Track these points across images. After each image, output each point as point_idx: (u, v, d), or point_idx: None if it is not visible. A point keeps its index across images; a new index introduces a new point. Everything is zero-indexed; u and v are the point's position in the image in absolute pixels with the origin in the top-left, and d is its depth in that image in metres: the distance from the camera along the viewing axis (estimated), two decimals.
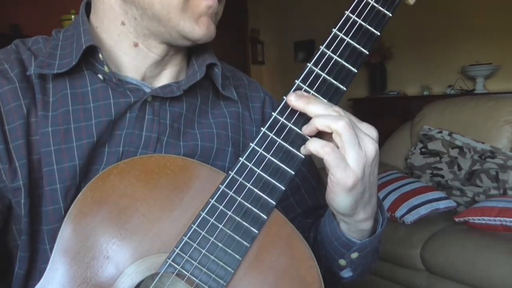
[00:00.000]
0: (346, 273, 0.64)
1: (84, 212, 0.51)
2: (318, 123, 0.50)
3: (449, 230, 1.83)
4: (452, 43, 3.59)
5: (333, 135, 0.50)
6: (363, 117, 0.55)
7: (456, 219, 1.82)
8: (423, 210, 1.88)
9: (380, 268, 1.98)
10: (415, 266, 1.83)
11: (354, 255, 0.60)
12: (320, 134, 0.52)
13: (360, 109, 3.83)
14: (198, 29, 0.59)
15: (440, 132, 2.29)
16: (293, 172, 0.53)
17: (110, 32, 0.63)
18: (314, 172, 0.77)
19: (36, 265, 0.59)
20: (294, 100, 0.52)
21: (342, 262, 0.62)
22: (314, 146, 0.50)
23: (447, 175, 2.17)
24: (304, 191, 0.74)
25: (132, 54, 0.63)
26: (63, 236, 0.51)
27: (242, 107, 0.71)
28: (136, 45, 0.63)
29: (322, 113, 0.51)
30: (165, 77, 0.66)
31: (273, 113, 0.54)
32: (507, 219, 1.68)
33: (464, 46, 3.55)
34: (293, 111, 0.54)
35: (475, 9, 3.49)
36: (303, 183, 0.74)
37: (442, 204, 1.92)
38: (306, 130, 0.52)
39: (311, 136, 0.52)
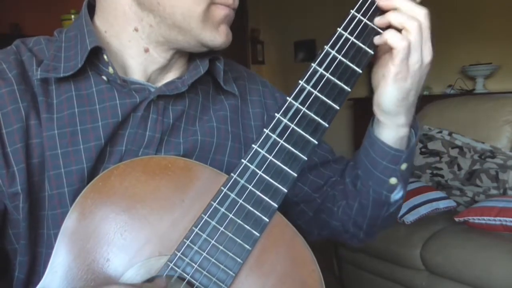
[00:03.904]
0: (397, 194, 0.66)
1: (84, 214, 0.51)
2: (393, 18, 0.54)
3: (449, 230, 1.82)
4: (452, 43, 3.59)
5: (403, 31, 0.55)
6: (363, 117, 0.55)
7: (456, 219, 1.82)
8: (423, 210, 1.88)
9: (380, 268, 1.97)
10: (415, 266, 1.83)
11: (404, 166, 0.63)
12: None
13: (360, 109, 3.82)
14: (219, 37, 0.60)
15: (440, 132, 2.29)
16: (295, 174, 0.52)
17: (120, 37, 0.62)
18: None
19: (37, 269, 0.59)
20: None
21: (393, 180, 0.64)
22: (393, 38, 0.54)
23: (447, 175, 2.16)
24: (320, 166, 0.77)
25: (141, 59, 0.63)
26: (63, 239, 0.50)
27: (242, 101, 0.71)
28: (146, 50, 0.62)
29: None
30: (169, 78, 0.66)
31: (276, 114, 0.53)
32: (507, 219, 1.68)
33: (464, 46, 3.55)
34: (296, 112, 0.53)
35: (476, 9, 3.48)
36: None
37: (442, 204, 1.91)
38: (379, 21, 0.56)
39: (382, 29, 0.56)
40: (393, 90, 0.57)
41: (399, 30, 0.54)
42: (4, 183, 0.55)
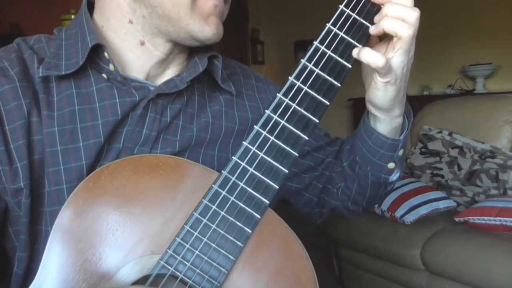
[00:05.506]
0: (395, 176, 0.70)
1: (76, 214, 0.51)
2: (386, 26, 0.53)
3: (449, 230, 1.82)
4: (452, 43, 3.58)
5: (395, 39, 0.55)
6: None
7: (456, 219, 1.81)
8: (423, 210, 1.87)
9: (380, 268, 1.97)
10: (415, 266, 1.82)
11: (400, 152, 0.66)
12: None
13: (360, 109, 3.81)
14: (208, 28, 0.60)
15: (440, 132, 2.29)
16: (286, 171, 0.52)
17: (117, 31, 0.62)
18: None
19: (35, 266, 0.58)
20: None
21: (391, 165, 0.67)
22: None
23: (447, 175, 2.16)
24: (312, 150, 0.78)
25: (138, 52, 0.63)
26: (54, 239, 0.50)
27: (237, 95, 0.71)
28: (142, 43, 0.62)
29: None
30: (168, 76, 0.66)
31: (266, 110, 0.53)
32: (507, 219, 1.67)
33: (464, 46, 3.54)
34: (286, 108, 0.53)
35: (475, 9, 3.48)
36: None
37: (442, 204, 1.91)
38: (374, 31, 0.55)
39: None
40: (384, 94, 0.58)
41: None
42: (7, 180, 0.56)
